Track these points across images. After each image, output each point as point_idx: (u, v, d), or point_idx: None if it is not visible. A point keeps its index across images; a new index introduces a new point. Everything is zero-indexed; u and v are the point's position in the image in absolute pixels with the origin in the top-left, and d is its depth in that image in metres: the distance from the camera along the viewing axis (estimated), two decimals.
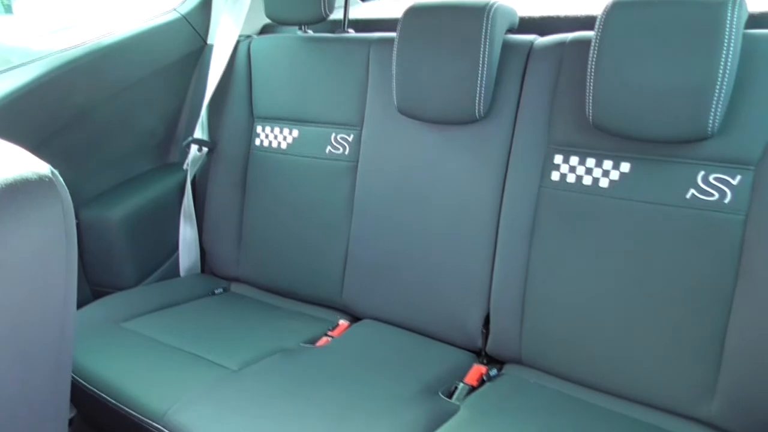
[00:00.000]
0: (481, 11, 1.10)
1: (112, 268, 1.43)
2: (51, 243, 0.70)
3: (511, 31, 1.17)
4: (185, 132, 1.57)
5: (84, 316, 1.25)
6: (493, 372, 1.12)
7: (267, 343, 1.19)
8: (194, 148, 1.46)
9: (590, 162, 1.04)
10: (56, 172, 0.70)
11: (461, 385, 1.09)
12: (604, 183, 1.02)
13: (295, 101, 1.38)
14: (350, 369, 1.10)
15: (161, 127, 1.56)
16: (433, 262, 1.20)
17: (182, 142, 1.52)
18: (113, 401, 1.04)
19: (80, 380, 1.09)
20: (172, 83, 1.54)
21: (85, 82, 1.33)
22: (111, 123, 1.42)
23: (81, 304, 1.28)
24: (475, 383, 1.10)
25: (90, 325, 1.21)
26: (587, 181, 1.04)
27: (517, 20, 1.19)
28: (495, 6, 1.11)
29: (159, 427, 0.97)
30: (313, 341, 1.23)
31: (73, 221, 0.72)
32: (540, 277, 1.09)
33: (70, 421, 1.29)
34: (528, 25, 1.22)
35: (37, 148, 1.25)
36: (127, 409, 1.02)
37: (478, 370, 1.13)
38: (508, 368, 1.15)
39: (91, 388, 1.07)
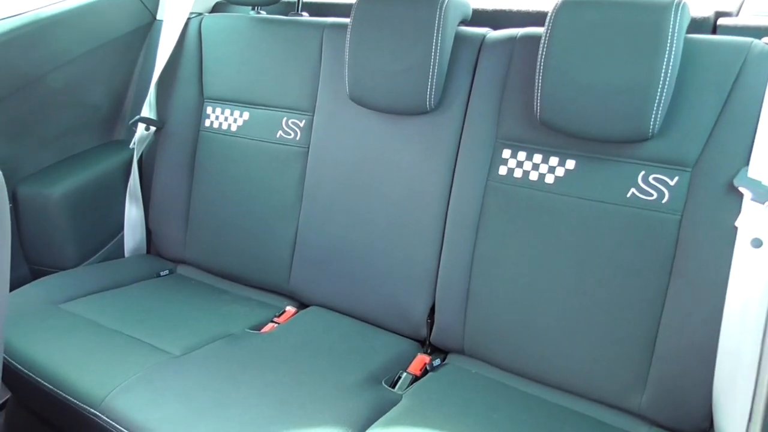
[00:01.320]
0: (435, 1, 1.10)
1: (51, 247, 1.39)
2: None
3: (464, 23, 1.17)
4: (132, 110, 1.52)
5: (20, 296, 1.21)
6: (437, 362, 1.13)
7: (211, 328, 1.18)
8: (141, 126, 1.42)
9: (537, 158, 1.05)
10: None
11: (405, 374, 1.10)
12: (549, 179, 1.04)
13: (246, 83, 1.35)
14: (294, 356, 1.10)
15: (106, 104, 1.51)
16: (381, 252, 1.20)
17: (129, 120, 1.48)
18: (49, 386, 1.01)
19: (14, 363, 1.05)
20: (119, 59, 1.49)
21: (23, 55, 1.27)
22: (52, 97, 1.36)
23: (19, 284, 1.24)
24: (418, 373, 1.11)
25: (26, 306, 1.18)
26: (534, 176, 1.05)
27: (470, 12, 1.18)
28: None
29: (96, 413, 0.95)
30: (258, 327, 1.22)
31: (5, 201, 0.69)
32: (484, 269, 1.10)
33: (4, 404, 1.26)
34: (481, 17, 1.22)
35: None
36: (63, 394, 0.99)
37: (421, 359, 1.14)
38: (451, 358, 1.16)
39: (26, 371, 1.04)
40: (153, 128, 1.43)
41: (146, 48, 1.51)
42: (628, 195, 0.98)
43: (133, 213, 1.48)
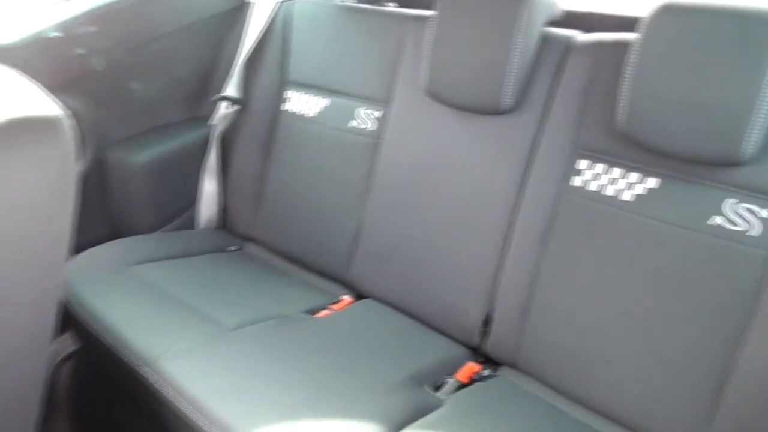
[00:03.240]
0: None
1: (130, 211, 1.46)
2: (45, 183, 0.70)
3: (551, 23, 1.11)
4: (216, 87, 1.57)
5: (96, 255, 1.27)
6: (487, 372, 1.10)
7: (268, 307, 1.20)
8: (224, 104, 1.46)
9: (616, 172, 0.99)
10: (67, 115, 0.70)
11: (451, 380, 1.07)
12: (627, 196, 0.97)
13: (328, 70, 1.36)
14: (343, 344, 1.10)
15: (193, 80, 1.56)
16: (442, 252, 1.18)
17: (211, 95, 1.52)
18: (108, 340, 1.06)
19: (81, 316, 1.11)
20: (209, 38, 1.53)
21: (119, 27, 1.34)
22: (143, 70, 1.43)
23: (97, 243, 1.31)
24: (465, 380, 1.08)
25: (99, 265, 1.24)
26: (610, 191, 0.99)
27: (558, 12, 1.13)
28: None
29: (147, 371, 0.99)
30: (313, 312, 1.22)
31: (73, 165, 0.72)
32: (548, 283, 1.05)
33: (72, 354, 1.33)
34: (571, 19, 1.16)
35: (66, 88, 1.28)
36: (119, 349, 1.04)
37: (471, 368, 1.11)
38: (502, 371, 1.12)
39: (90, 324, 1.10)
40: (234, 107, 1.47)
41: (235, 29, 1.55)
42: (712, 222, 0.90)
43: (208, 187, 1.53)
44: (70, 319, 1.14)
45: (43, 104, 0.69)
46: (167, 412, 0.95)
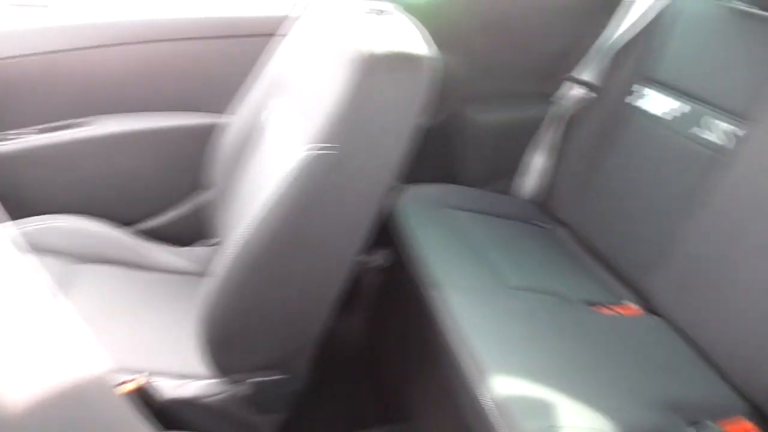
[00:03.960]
0: None
1: (461, 164, 1.63)
2: (400, 109, 0.87)
3: None
4: (568, 67, 1.60)
5: (422, 190, 1.47)
6: None
7: (552, 282, 1.24)
8: (572, 85, 1.51)
9: None
10: (437, 59, 0.85)
11: (713, 425, 0.97)
12: None
13: (692, 73, 1.28)
14: (613, 345, 1.09)
15: (548, 57, 1.63)
16: (756, 290, 1.05)
17: (562, 75, 1.57)
18: (410, 258, 1.24)
19: (397, 235, 1.33)
20: (575, 18, 1.56)
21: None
22: (507, 39, 1.54)
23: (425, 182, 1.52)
24: None
25: (423, 199, 1.43)
26: None
27: None
28: None
29: (431, 293, 1.13)
30: (590, 303, 1.23)
31: (422, 103, 0.87)
32: None
33: (383, 268, 1.59)
34: None
35: (443, 43, 1.47)
36: (417, 268, 1.21)
37: (743, 426, 0.99)
38: None
39: (401, 242, 1.30)
40: (582, 90, 1.50)
41: (604, 13, 1.55)
42: None
43: (538, 161, 1.61)
44: (388, 237, 1.37)
45: (422, 47, 0.86)
46: (436, 334, 1.09)
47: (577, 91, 1.52)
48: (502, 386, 0.90)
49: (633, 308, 1.26)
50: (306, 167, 0.85)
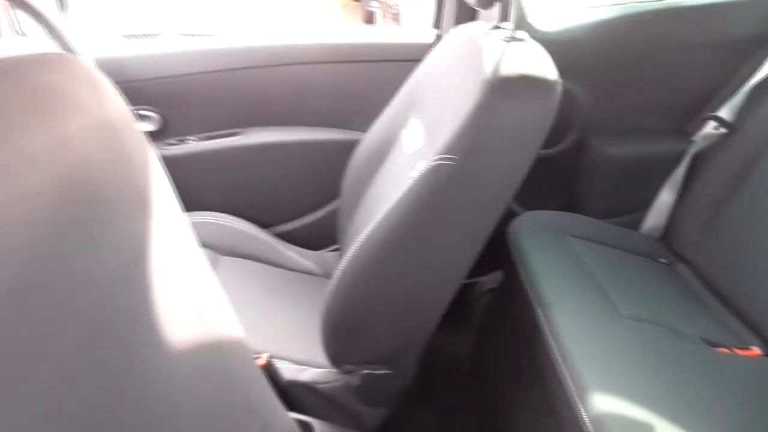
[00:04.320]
0: None
1: (586, 194, 1.63)
2: (526, 129, 0.91)
3: None
4: (709, 106, 1.56)
5: (543, 214, 1.49)
6: None
7: (668, 316, 1.21)
8: (711, 123, 1.46)
9: None
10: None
11: None
12: None
13: None
14: (726, 386, 1.04)
15: (690, 95, 1.60)
16: None
17: (704, 113, 1.53)
18: (522, 277, 1.27)
19: (513, 254, 1.36)
20: (729, 57, 1.53)
21: (647, 31, 1.48)
22: (647, 74, 1.54)
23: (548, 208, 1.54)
24: None
25: (543, 222, 1.45)
26: None
27: None
28: None
29: (539, 312, 1.15)
30: (709, 343, 1.18)
31: (546, 128, 0.91)
32: None
33: (496, 288, 1.63)
34: None
35: (573, 73, 1.51)
36: (527, 287, 1.23)
37: None
38: None
39: (515, 262, 1.33)
40: (721, 129, 1.45)
41: (757, 53, 1.50)
42: None
43: (665, 197, 1.57)
44: (505, 257, 1.40)
45: (551, 75, 0.90)
46: (541, 353, 1.11)
47: (711, 129, 1.47)
48: (603, 407, 0.91)
49: (756, 351, 1.19)
50: (428, 177, 0.92)
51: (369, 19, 7.90)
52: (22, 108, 0.49)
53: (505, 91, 0.87)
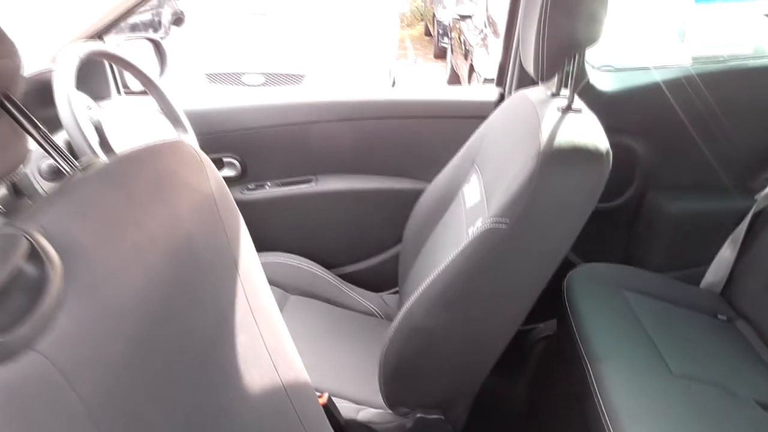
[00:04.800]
0: None
1: (645, 247, 1.66)
2: (582, 196, 0.97)
3: None
4: None
5: (601, 267, 1.52)
6: None
7: (722, 375, 1.22)
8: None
9: None
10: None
11: None
12: None
13: None
14: None
15: (759, 151, 1.60)
16: None
17: (766, 172, 1.54)
18: (574, 329, 1.31)
19: (567, 305, 1.40)
20: None
21: (707, 93, 1.51)
22: (712, 130, 1.57)
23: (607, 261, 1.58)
24: None
25: (600, 275, 1.49)
26: None
27: None
28: None
29: (588, 365, 1.19)
30: (764, 405, 1.18)
31: (598, 192, 0.97)
32: None
33: (550, 336, 1.66)
34: None
35: (637, 131, 1.54)
36: (578, 339, 1.28)
37: None
38: None
39: (569, 313, 1.37)
40: None
41: None
42: None
43: (726, 253, 1.57)
44: (560, 307, 1.45)
45: (602, 145, 0.96)
46: (590, 410, 1.15)
47: None
48: None
49: None
50: (482, 238, 0.99)
51: (441, 54, 8.08)
52: (148, 193, 0.61)
53: (557, 162, 0.94)
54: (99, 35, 1.53)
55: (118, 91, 1.67)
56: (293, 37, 4.57)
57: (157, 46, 1.66)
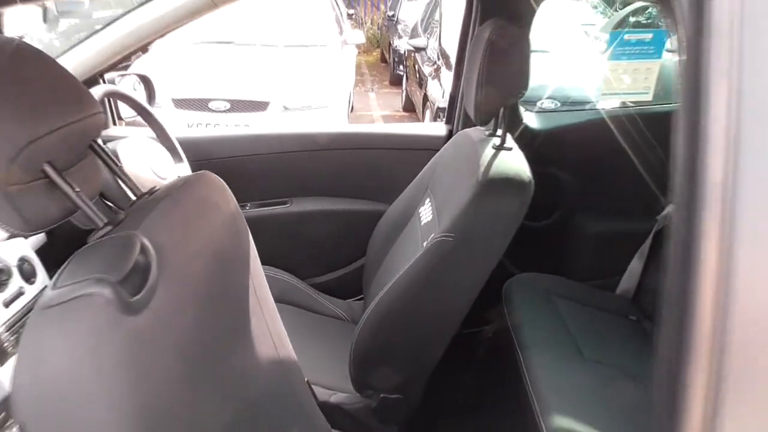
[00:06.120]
0: None
1: (571, 261, 1.97)
2: (508, 221, 1.26)
3: None
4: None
5: (536, 277, 1.81)
6: None
7: (619, 359, 1.51)
8: (670, 206, 1.79)
9: None
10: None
11: None
12: None
13: None
14: None
15: (657, 183, 1.92)
16: None
17: (665, 198, 1.87)
18: (510, 324, 1.59)
19: (507, 304, 1.68)
20: None
21: (613, 132, 1.84)
22: (622, 166, 1.88)
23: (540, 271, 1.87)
24: None
25: (534, 283, 1.78)
26: None
27: None
28: None
29: (519, 352, 1.48)
30: None
31: (521, 214, 1.26)
32: None
33: (492, 331, 1.94)
34: None
35: (561, 162, 1.84)
36: (512, 330, 1.56)
37: None
38: None
39: (507, 310, 1.65)
40: None
41: None
42: None
43: (635, 265, 1.89)
44: (499, 308, 1.73)
45: (526, 176, 1.25)
46: (520, 386, 1.42)
47: (670, 210, 1.80)
48: (559, 423, 1.22)
49: None
50: (433, 249, 1.26)
51: (396, 81, 8.44)
52: (195, 212, 0.85)
53: (490, 191, 1.23)
54: (100, 74, 1.75)
55: (114, 122, 1.89)
56: (258, 65, 4.79)
57: (145, 81, 1.86)
